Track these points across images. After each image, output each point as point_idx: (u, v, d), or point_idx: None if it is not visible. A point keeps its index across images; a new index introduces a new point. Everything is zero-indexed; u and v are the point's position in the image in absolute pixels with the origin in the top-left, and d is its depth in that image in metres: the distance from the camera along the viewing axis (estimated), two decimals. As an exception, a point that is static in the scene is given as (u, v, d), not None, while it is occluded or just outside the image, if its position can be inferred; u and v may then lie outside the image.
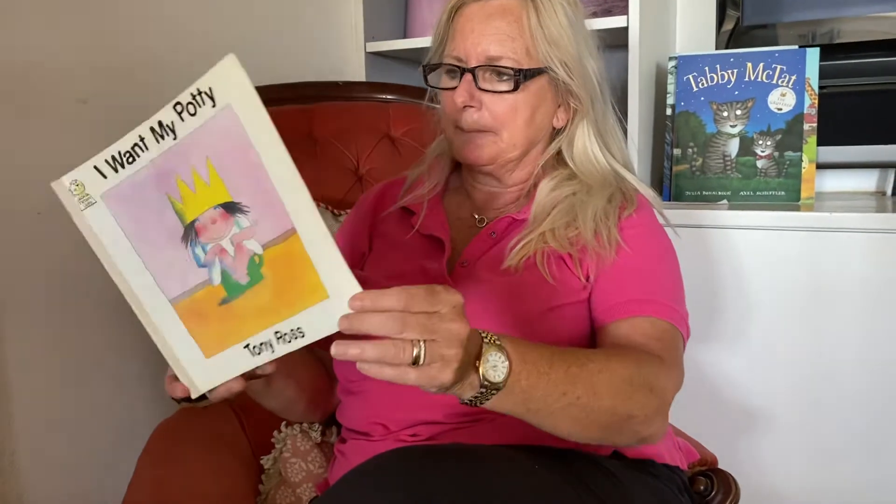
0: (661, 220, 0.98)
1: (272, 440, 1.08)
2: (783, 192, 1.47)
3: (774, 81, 1.47)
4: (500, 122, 0.93)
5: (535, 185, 0.98)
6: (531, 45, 0.92)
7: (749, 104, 1.49)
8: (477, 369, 0.63)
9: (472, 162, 0.96)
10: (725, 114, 1.50)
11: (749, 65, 1.48)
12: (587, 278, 0.90)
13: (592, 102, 0.96)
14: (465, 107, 0.92)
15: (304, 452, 1.05)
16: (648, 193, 0.98)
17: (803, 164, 1.45)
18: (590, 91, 0.95)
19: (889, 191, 1.60)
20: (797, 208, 1.39)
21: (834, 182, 1.64)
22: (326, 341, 0.98)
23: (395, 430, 0.88)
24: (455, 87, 0.93)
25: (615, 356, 0.79)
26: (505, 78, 0.91)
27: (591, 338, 0.90)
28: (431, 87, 0.99)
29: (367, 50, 1.75)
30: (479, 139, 0.94)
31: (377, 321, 0.58)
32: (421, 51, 1.72)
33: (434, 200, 1.02)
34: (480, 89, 0.92)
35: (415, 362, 0.58)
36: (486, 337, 0.65)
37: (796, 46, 1.46)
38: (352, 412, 0.94)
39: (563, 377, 0.69)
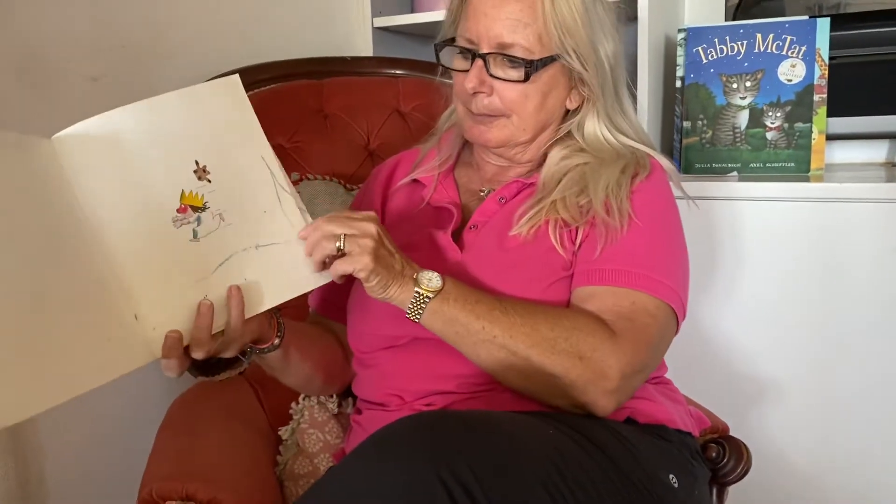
0: (675, 191, 0.98)
1: (290, 412, 1.10)
2: (793, 164, 1.47)
3: (784, 52, 1.46)
4: (511, 107, 0.93)
5: (545, 155, 0.98)
6: (544, 32, 0.90)
7: (759, 75, 1.48)
8: (415, 281, 0.80)
9: (482, 144, 0.97)
10: (735, 85, 1.50)
11: (759, 36, 1.48)
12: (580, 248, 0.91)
13: (603, 89, 0.95)
14: (475, 92, 0.92)
15: (321, 423, 1.07)
16: (665, 163, 0.97)
17: (813, 136, 1.45)
18: (601, 78, 0.95)
19: (899, 161, 1.60)
20: (807, 179, 1.39)
21: (844, 153, 1.64)
22: (341, 313, 1.00)
23: (409, 401, 0.89)
24: (467, 71, 0.92)
25: (548, 316, 0.84)
26: (516, 66, 0.91)
27: None
28: (443, 66, 0.99)
29: (375, 25, 1.73)
30: (490, 122, 0.94)
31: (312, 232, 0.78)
32: (429, 25, 1.74)
33: (445, 173, 1.03)
34: (492, 75, 0.91)
35: (340, 253, 0.77)
36: (427, 270, 0.81)
37: (806, 17, 1.45)
38: (367, 384, 0.96)
39: (485, 313, 0.81)
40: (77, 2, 1.21)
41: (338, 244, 0.77)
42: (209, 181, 0.75)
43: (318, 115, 1.38)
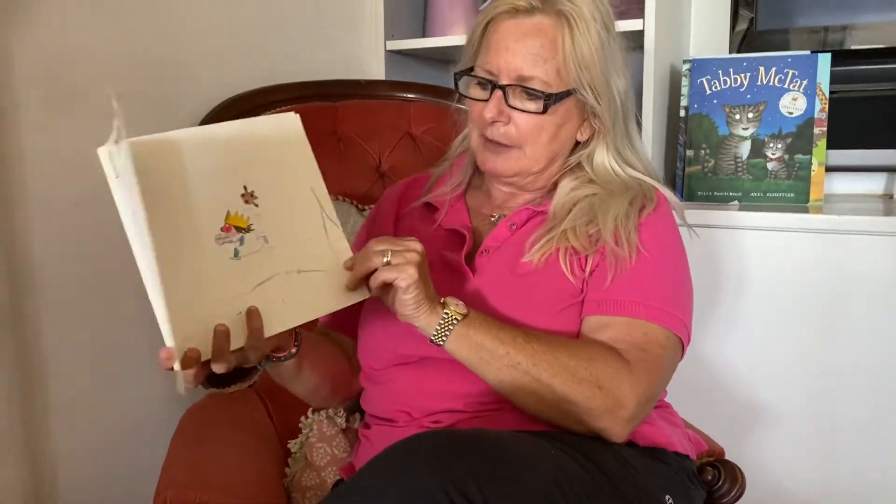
0: (678, 221, 1.01)
1: (300, 425, 1.13)
2: (793, 194, 1.51)
3: (786, 86, 1.51)
4: (525, 138, 0.96)
5: (555, 184, 1.01)
6: (562, 67, 0.94)
7: (761, 107, 1.52)
8: (443, 305, 0.84)
9: (496, 174, 1.00)
10: (738, 116, 1.54)
11: (762, 69, 1.52)
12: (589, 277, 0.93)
13: (614, 122, 0.98)
14: (493, 121, 0.95)
15: (329, 437, 1.10)
16: (669, 195, 1.01)
17: (813, 167, 1.49)
18: (612, 112, 0.98)
19: (896, 193, 1.64)
20: (806, 210, 1.43)
21: (843, 184, 1.68)
22: (351, 328, 1.02)
23: (417, 418, 0.92)
24: (485, 100, 0.95)
25: (566, 346, 0.87)
26: (534, 98, 0.94)
27: None
28: (462, 94, 1.02)
29: (388, 48, 1.78)
30: (504, 153, 0.97)
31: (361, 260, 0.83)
32: (439, 49, 1.79)
33: (457, 197, 1.06)
34: (510, 106, 0.94)
35: (385, 263, 0.81)
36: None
37: (808, 52, 1.50)
38: (376, 400, 0.99)
39: (509, 340, 0.84)
40: (99, 23, 1.25)
41: (385, 258, 0.81)
42: (256, 205, 0.80)
43: (331, 137, 1.42)
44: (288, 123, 0.84)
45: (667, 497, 0.89)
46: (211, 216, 0.77)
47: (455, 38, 1.75)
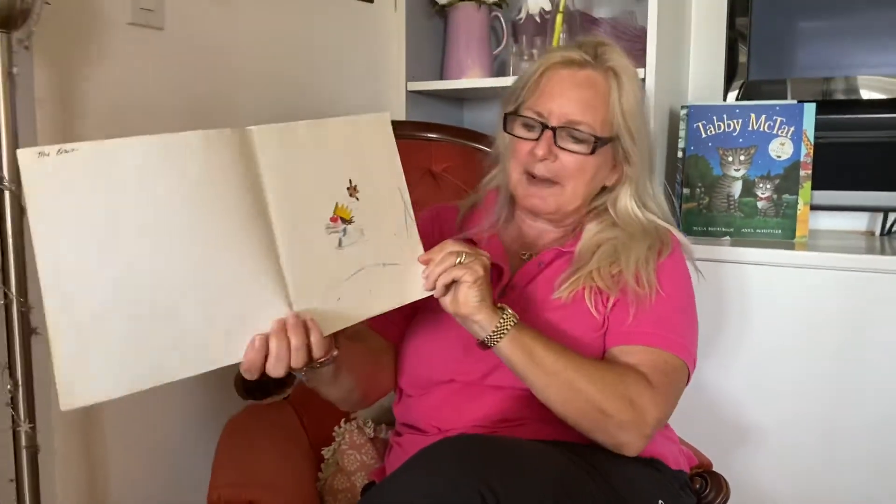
0: (688, 262, 1.11)
1: (333, 434, 1.25)
2: (780, 231, 1.63)
3: (775, 132, 1.63)
4: (570, 175, 1.06)
5: (581, 225, 1.11)
6: (608, 116, 1.05)
7: (752, 151, 1.65)
8: (501, 310, 0.91)
9: (537, 211, 1.09)
10: (730, 159, 1.67)
11: (752, 116, 1.65)
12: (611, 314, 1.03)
13: (641, 168, 1.09)
14: (542, 159, 1.04)
15: (359, 445, 1.22)
16: (682, 239, 1.11)
17: (799, 207, 1.61)
18: (643, 158, 1.09)
19: (878, 231, 1.76)
20: (792, 246, 1.54)
21: (828, 221, 1.80)
22: (391, 330, 1.11)
23: (446, 430, 1.03)
24: (534, 139, 1.05)
25: (605, 365, 0.97)
26: (581, 140, 1.04)
27: None
28: (510, 133, 1.09)
29: (409, 89, 1.91)
30: (546, 190, 1.07)
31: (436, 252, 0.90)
32: (456, 91, 1.94)
33: (492, 233, 1.14)
34: (558, 146, 1.04)
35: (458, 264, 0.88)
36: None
37: (795, 101, 1.63)
38: (413, 411, 1.08)
39: (558, 349, 0.93)
40: (159, 71, 1.38)
41: (458, 259, 0.89)
42: (357, 199, 0.85)
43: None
44: (382, 122, 0.89)
45: (660, 502, 1.01)
46: (322, 205, 0.82)
47: (469, 82, 1.89)
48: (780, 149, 1.63)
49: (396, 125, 1.64)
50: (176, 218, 0.74)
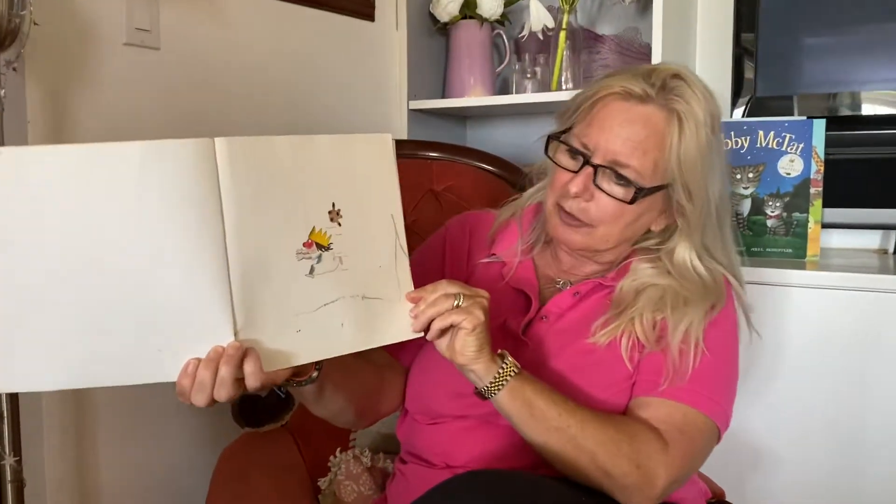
0: (741, 316, 1.02)
1: (328, 465, 1.21)
2: (791, 250, 1.59)
3: (784, 148, 1.59)
4: (602, 219, 0.94)
5: (627, 260, 1.01)
6: (661, 162, 0.92)
7: (760, 168, 1.61)
8: (500, 358, 0.84)
9: (563, 244, 1.00)
10: (739, 176, 1.63)
11: (761, 133, 1.61)
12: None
13: (704, 225, 0.96)
14: (575, 196, 0.94)
15: (355, 476, 1.18)
16: (738, 290, 1.01)
17: (809, 225, 1.57)
18: (703, 216, 0.95)
19: (891, 249, 1.71)
20: (803, 266, 1.50)
21: (840, 239, 1.76)
22: (398, 347, 1.02)
23: (454, 466, 0.97)
24: (573, 171, 0.94)
25: (612, 419, 0.89)
26: (624, 185, 0.92)
27: None
28: (550, 158, 0.99)
29: (410, 107, 1.90)
30: (575, 227, 0.96)
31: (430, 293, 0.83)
32: (456, 109, 1.91)
33: (525, 254, 1.05)
34: (596, 185, 0.93)
35: (455, 307, 0.80)
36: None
37: (804, 118, 1.59)
38: (418, 439, 1.02)
39: (561, 404, 0.86)
40: (151, 86, 1.36)
41: (455, 302, 0.80)
42: (339, 224, 0.78)
43: (359, 193, 1.52)
44: (381, 144, 0.82)
45: None
46: (296, 228, 0.75)
47: (472, 100, 1.87)
48: (790, 166, 1.59)
49: (397, 144, 1.64)
50: (110, 230, 0.70)
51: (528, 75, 1.84)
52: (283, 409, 1.32)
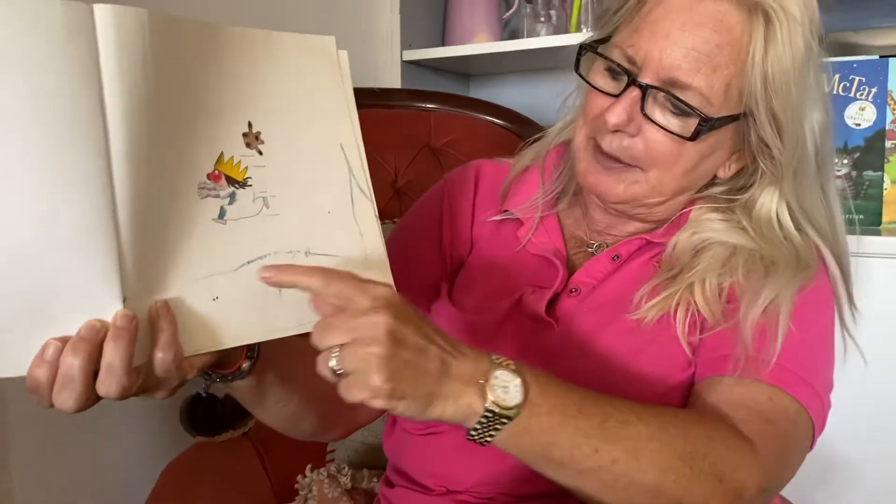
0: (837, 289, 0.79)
1: (296, 486, 0.98)
2: (862, 216, 1.37)
3: (852, 94, 1.39)
4: (654, 162, 0.73)
5: (682, 213, 0.79)
6: (738, 81, 0.70)
7: (823, 119, 1.40)
8: (481, 388, 0.55)
9: (598, 196, 0.78)
10: (796, 129, 1.41)
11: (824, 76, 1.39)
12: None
13: (795, 172, 0.74)
14: (615, 129, 0.72)
15: (332, 501, 0.93)
16: (830, 263, 0.77)
17: (885, 185, 1.37)
18: (797, 157, 0.73)
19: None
20: (878, 233, 1.31)
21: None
22: None
23: (455, 491, 0.76)
24: (614, 95, 0.72)
25: (676, 421, 0.64)
26: (683, 115, 0.71)
27: None
28: (582, 77, 0.77)
29: (404, 59, 1.70)
30: (616, 172, 0.75)
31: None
32: (460, 60, 1.70)
33: (548, 210, 0.84)
34: (645, 115, 0.71)
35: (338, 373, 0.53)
36: (496, 358, 0.57)
37: (876, 57, 1.38)
38: (408, 454, 0.81)
39: (596, 430, 0.59)
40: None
41: (331, 363, 0.52)
42: (259, 152, 0.59)
43: (341, 149, 1.30)
44: (322, 49, 0.64)
45: None
46: (197, 153, 0.56)
47: (476, 47, 1.67)
48: (860, 115, 1.38)
49: (387, 94, 1.45)
50: None
51: (542, 19, 1.64)
52: (246, 413, 1.09)
